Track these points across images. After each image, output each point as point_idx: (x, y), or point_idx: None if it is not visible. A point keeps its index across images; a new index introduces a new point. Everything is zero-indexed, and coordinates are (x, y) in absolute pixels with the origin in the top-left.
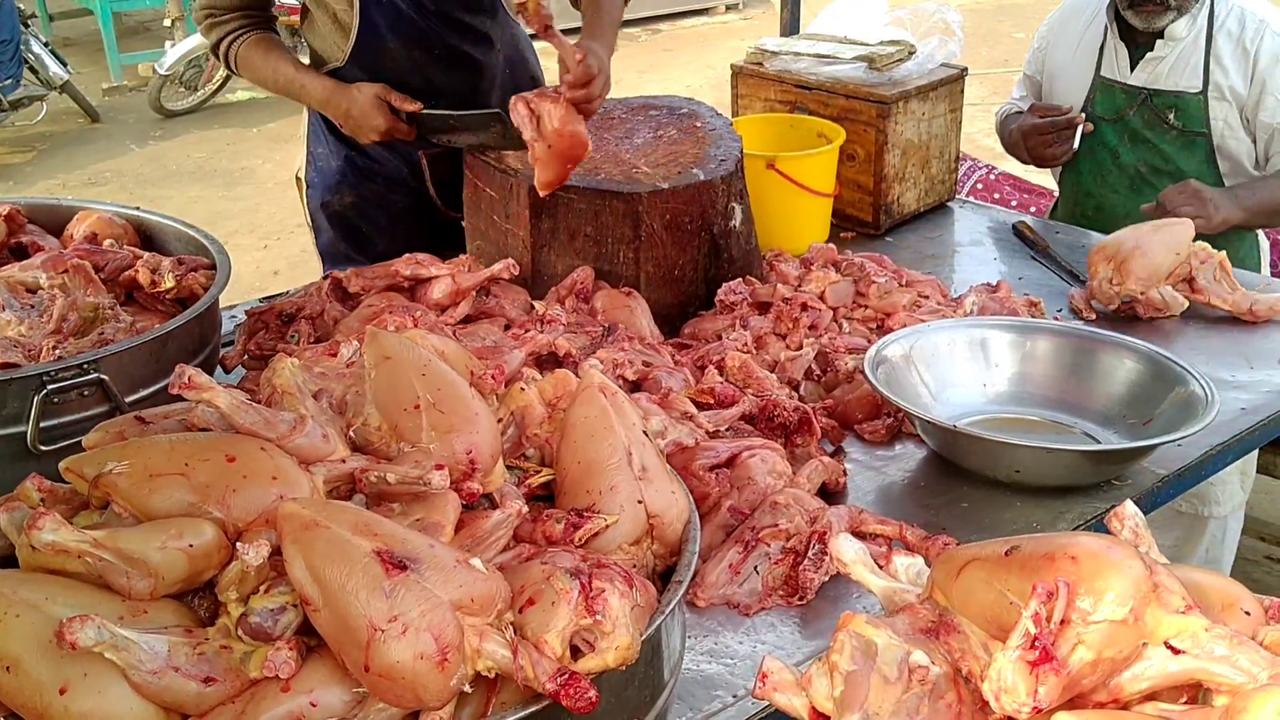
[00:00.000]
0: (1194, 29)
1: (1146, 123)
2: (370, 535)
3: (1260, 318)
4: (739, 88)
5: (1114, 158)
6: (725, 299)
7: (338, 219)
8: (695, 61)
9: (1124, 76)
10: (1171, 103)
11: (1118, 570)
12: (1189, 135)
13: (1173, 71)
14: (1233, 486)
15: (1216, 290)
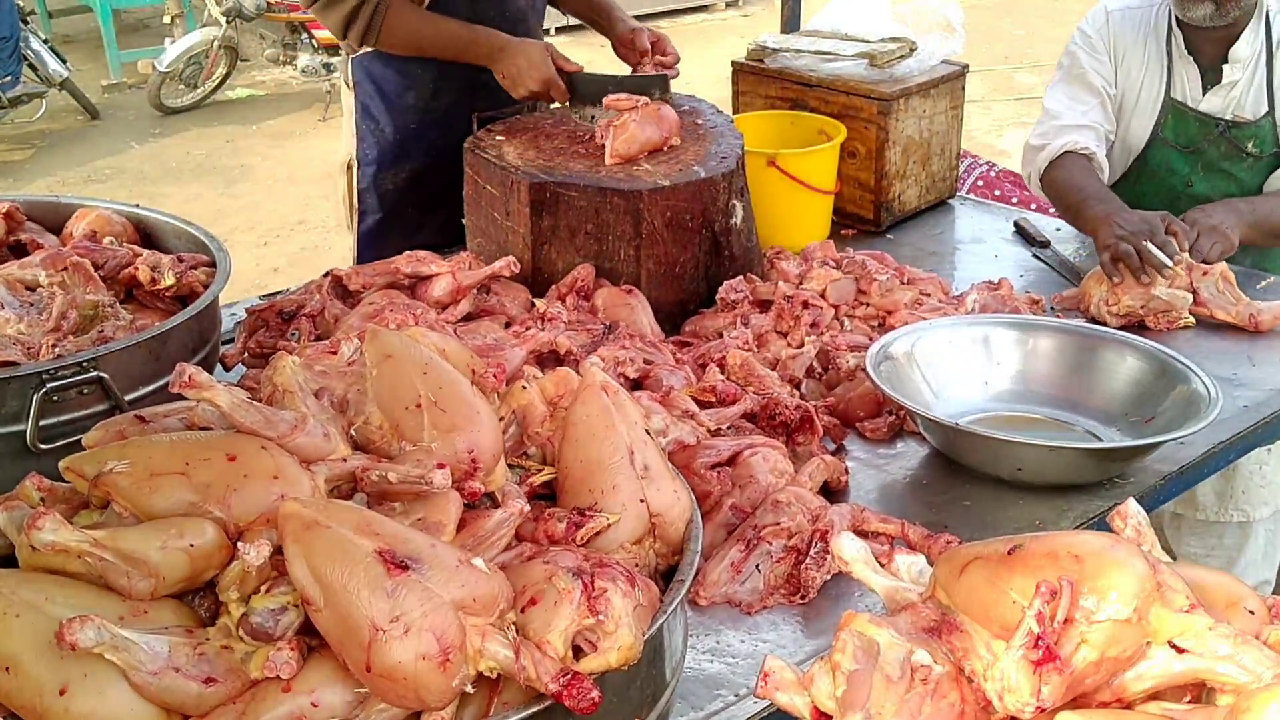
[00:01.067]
0: (1255, 46)
1: (1224, 154)
2: (372, 535)
3: (1264, 328)
4: (740, 84)
5: (1186, 186)
6: (726, 297)
7: (389, 198)
8: (696, 58)
9: (1195, 101)
10: (1251, 134)
11: (1121, 569)
12: (1267, 159)
13: (1242, 98)
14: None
15: (1219, 302)
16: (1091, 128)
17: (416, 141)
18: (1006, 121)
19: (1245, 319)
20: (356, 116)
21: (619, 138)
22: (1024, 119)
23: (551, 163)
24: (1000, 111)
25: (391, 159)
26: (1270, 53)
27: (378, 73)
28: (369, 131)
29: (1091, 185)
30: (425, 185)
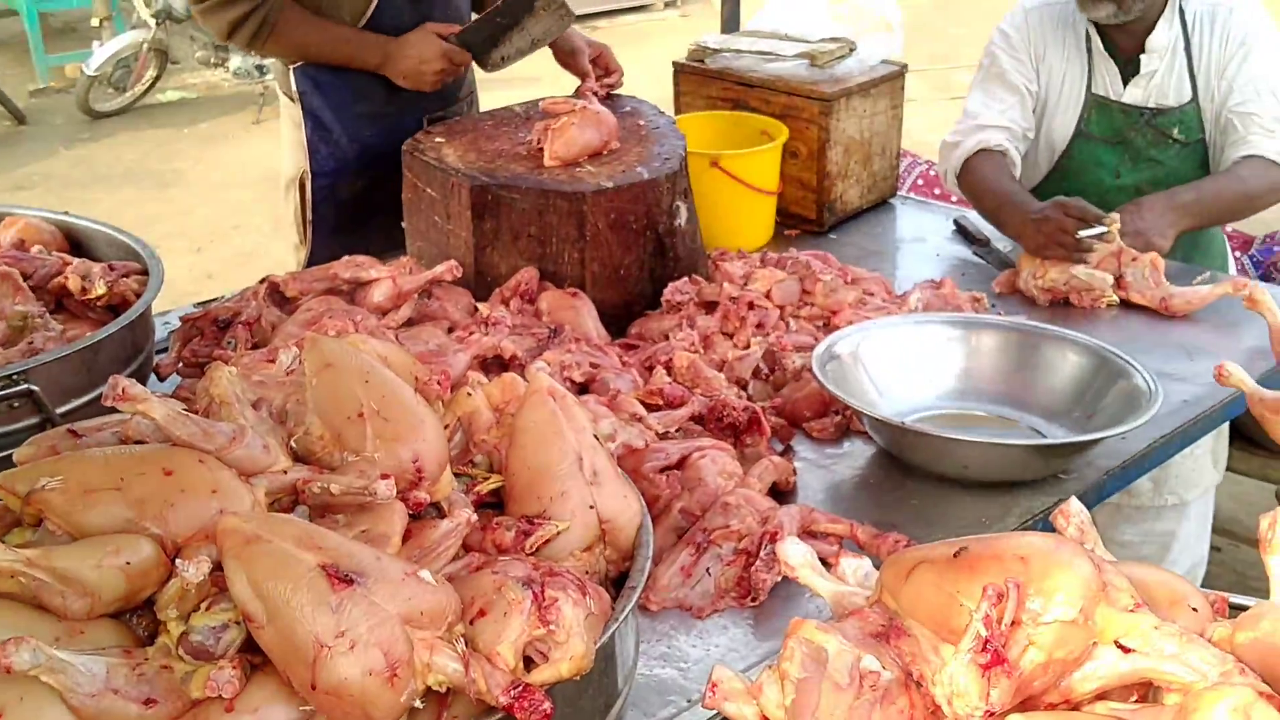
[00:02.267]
0: (1171, 35)
1: (1151, 142)
2: (315, 549)
3: (1175, 312)
4: (680, 85)
5: (1115, 178)
6: (672, 298)
7: (347, 209)
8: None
9: (1117, 94)
10: (1175, 120)
11: (1067, 570)
12: (1192, 146)
13: (1165, 84)
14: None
15: (1139, 286)
16: (1007, 127)
17: (372, 149)
18: (945, 120)
19: (1158, 302)
20: (307, 129)
21: (558, 140)
22: None
23: (493, 165)
24: (939, 110)
25: (348, 168)
26: (1188, 40)
27: (326, 81)
28: (323, 142)
29: (1007, 185)
30: (384, 194)
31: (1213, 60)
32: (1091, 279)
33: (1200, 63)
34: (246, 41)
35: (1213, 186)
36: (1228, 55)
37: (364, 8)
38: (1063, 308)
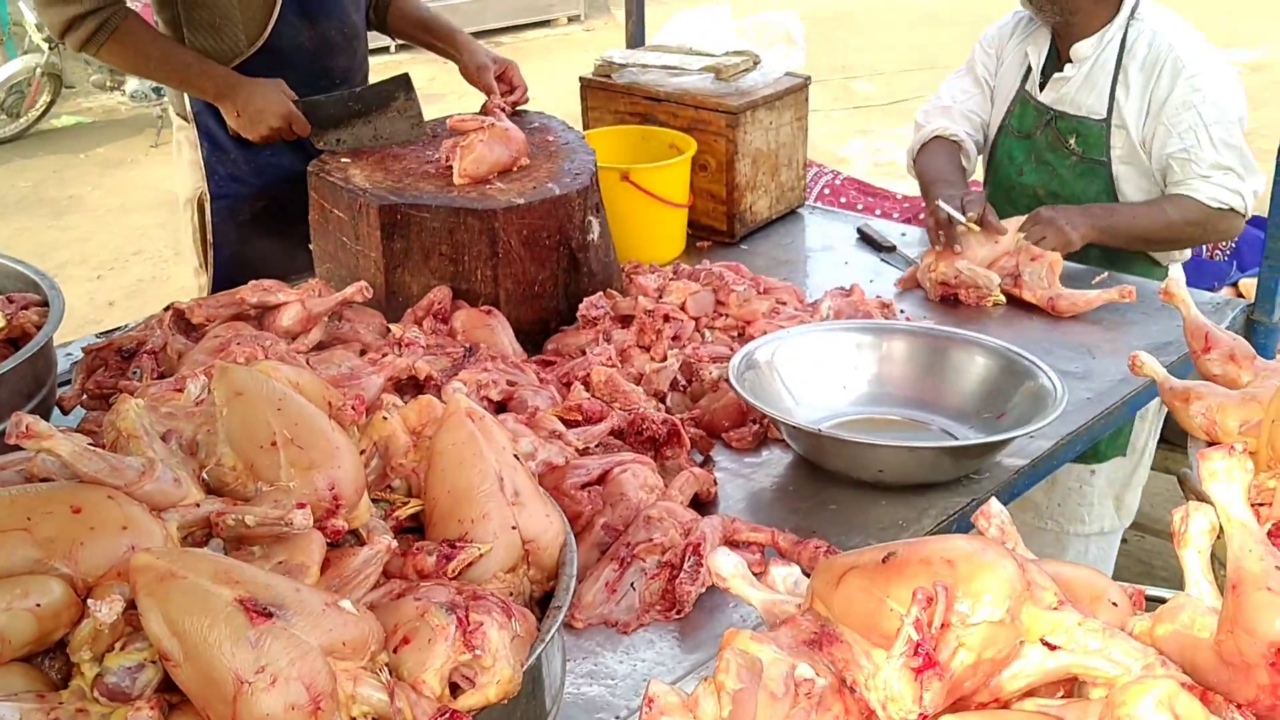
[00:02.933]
0: (1102, 50)
1: (1049, 145)
2: (231, 583)
3: (1062, 313)
4: (589, 100)
5: (1018, 174)
6: (587, 314)
7: (248, 229)
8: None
9: (1038, 92)
10: (1074, 127)
11: (992, 571)
12: (1089, 163)
13: (1079, 94)
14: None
15: (1031, 285)
16: (967, 116)
17: (271, 169)
18: (848, 130)
19: (1046, 302)
20: (203, 149)
21: (466, 158)
22: (865, 127)
23: (401, 184)
24: (841, 120)
25: (247, 188)
26: (1120, 60)
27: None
28: (220, 162)
29: (935, 171)
30: (285, 214)
31: (1143, 94)
32: (974, 275)
33: (1126, 89)
34: (80, 43)
35: (1130, 211)
36: (1168, 98)
37: (261, 29)
38: (966, 308)
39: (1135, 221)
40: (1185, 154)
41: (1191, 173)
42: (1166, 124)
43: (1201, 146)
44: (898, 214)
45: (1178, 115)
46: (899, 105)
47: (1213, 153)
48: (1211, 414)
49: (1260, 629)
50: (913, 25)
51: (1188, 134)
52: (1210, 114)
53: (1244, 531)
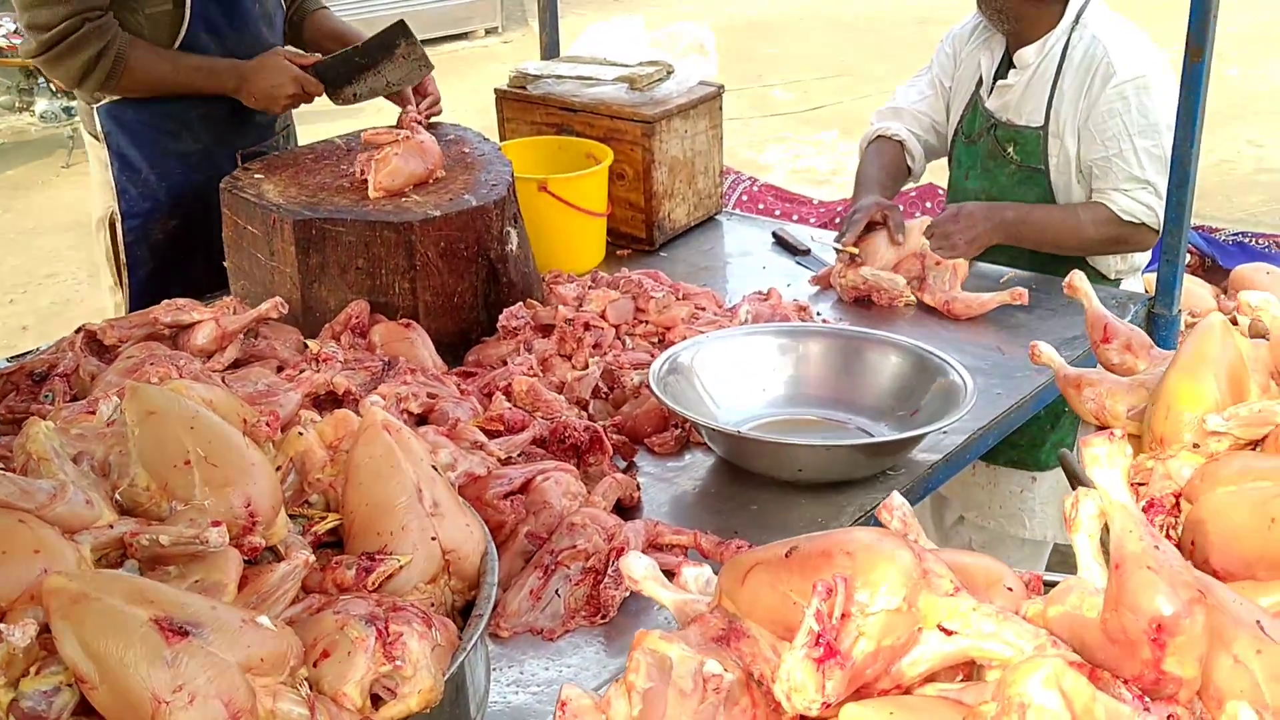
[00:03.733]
0: (1044, 57)
1: (989, 152)
2: (146, 603)
3: (957, 315)
4: (504, 111)
5: (965, 179)
6: (507, 324)
7: (161, 248)
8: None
9: (985, 98)
10: (1010, 136)
11: (889, 561)
12: (1028, 170)
13: (1020, 102)
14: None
15: (932, 289)
16: (916, 117)
17: (184, 187)
18: (766, 138)
19: (942, 305)
20: (113, 169)
21: (381, 171)
22: (783, 134)
23: (315, 199)
24: (759, 128)
25: (160, 207)
26: (1060, 70)
27: (129, 119)
28: (131, 182)
29: (867, 174)
30: (200, 231)
31: (1076, 99)
32: (878, 279)
33: (1061, 95)
34: (100, 84)
35: (1043, 214)
36: (1096, 103)
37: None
38: (880, 309)
39: (1047, 225)
40: (1106, 163)
41: (1111, 183)
42: (1092, 130)
43: (1124, 156)
44: (814, 219)
45: (1104, 123)
46: (815, 112)
47: (1134, 165)
48: (1101, 399)
49: (1142, 606)
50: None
51: (1111, 142)
52: (1136, 124)
53: (1124, 514)
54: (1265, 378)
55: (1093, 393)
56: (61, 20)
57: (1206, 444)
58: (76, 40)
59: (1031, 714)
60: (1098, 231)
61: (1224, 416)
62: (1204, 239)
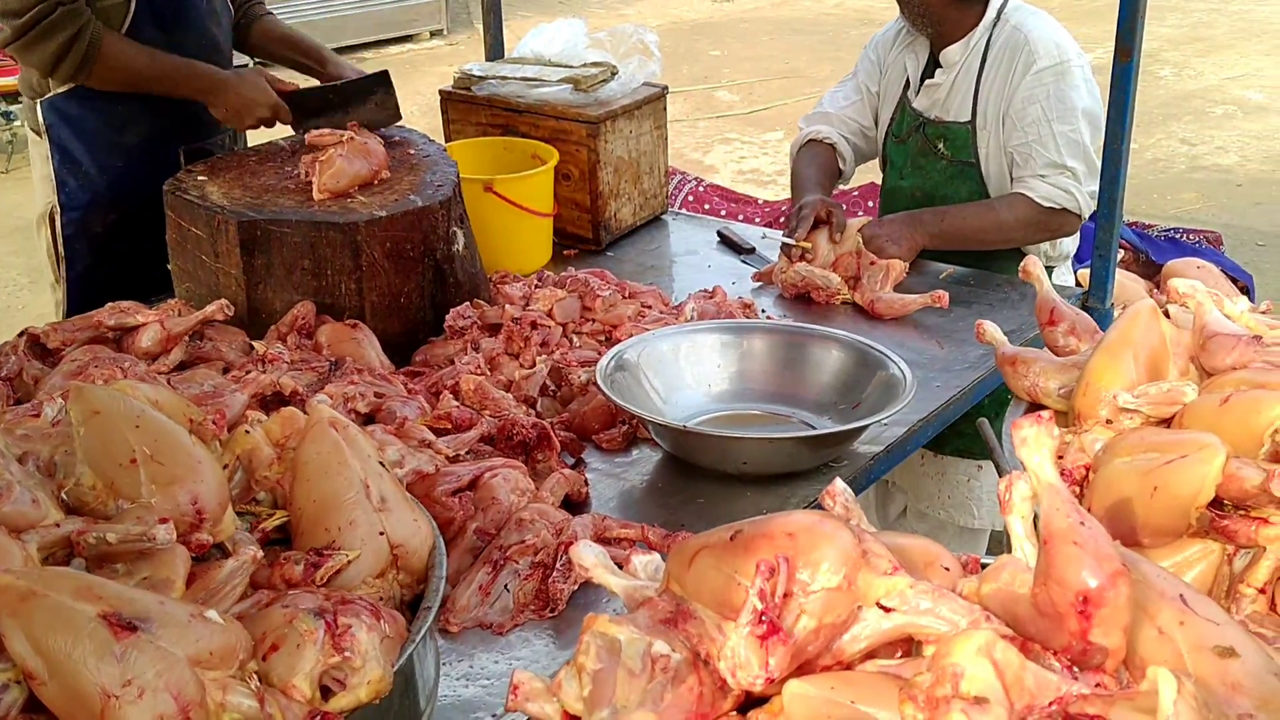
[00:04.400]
0: (968, 54)
1: (920, 150)
2: (94, 599)
3: (881, 315)
4: (449, 113)
5: (900, 178)
6: (454, 324)
7: (100, 242)
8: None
9: (913, 99)
10: (940, 133)
11: (829, 541)
12: (959, 164)
13: (948, 99)
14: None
15: (864, 288)
16: (844, 121)
17: (126, 181)
18: (711, 139)
19: (867, 304)
20: (54, 162)
21: (326, 172)
22: (728, 135)
23: (260, 200)
24: (705, 130)
25: (100, 201)
26: (984, 64)
27: (73, 112)
28: (71, 175)
29: (803, 175)
30: (140, 227)
31: (1001, 89)
32: (811, 276)
33: (987, 87)
34: (72, 73)
35: (959, 213)
36: (1016, 90)
37: None
38: (809, 303)
39: (965, 224)
40: (1027, 149)
41: (1030, 170)
42: (1014, 117)
43: (1043, 142)
44: (760, 219)
45: (1024, 110)
46: (760, 114)
47: (1054, 150)
48: (1035, 377)
49: (1069, 579)
50: (771, 36)
51: (1031, 128)
52: (1055, 110)
53: (1052, 492)
54: (1185, 362)
55: (1027, 370)
56: (34, 5)
57: (1120, 420)
58: (49, 25)
59: (964, 683)
60: (1017, 222)
61: (1134, 394)
62: (1137, 235)
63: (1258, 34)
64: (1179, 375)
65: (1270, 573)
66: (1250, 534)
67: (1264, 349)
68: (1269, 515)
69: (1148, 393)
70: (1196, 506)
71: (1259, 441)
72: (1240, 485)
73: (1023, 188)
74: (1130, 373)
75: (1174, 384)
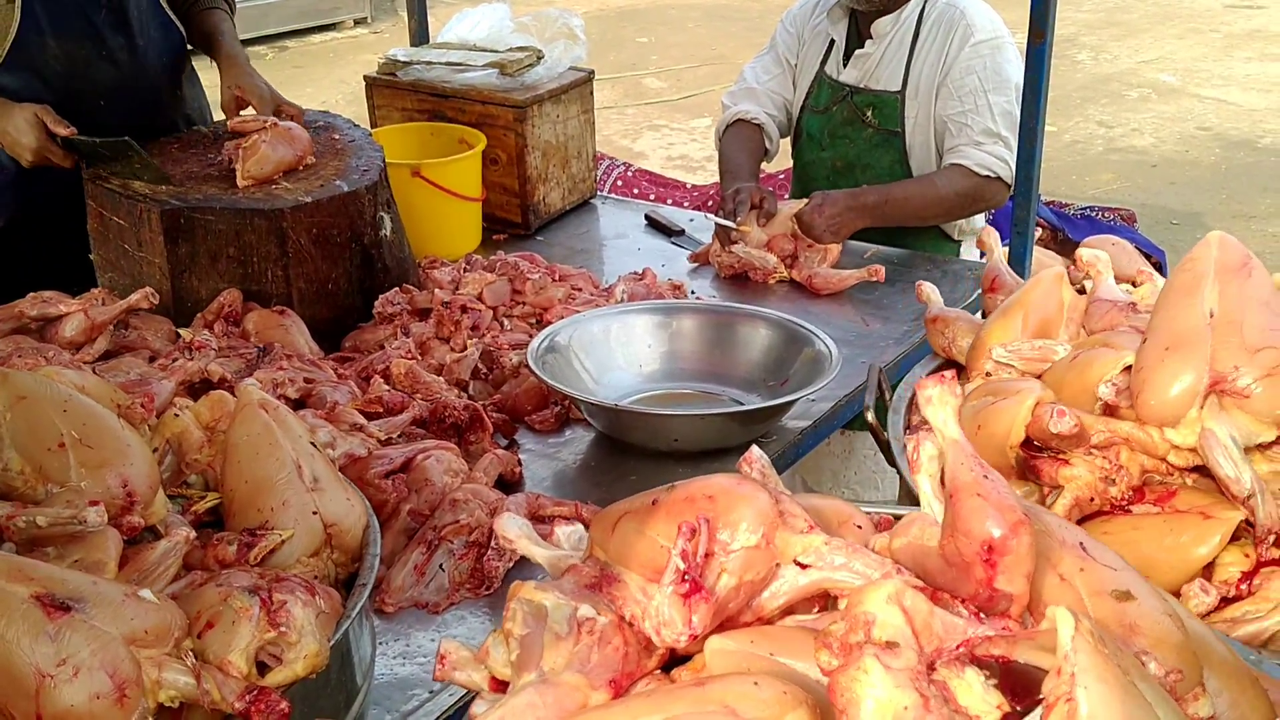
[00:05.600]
0: (899, 26)
1: (845, 119)
2: (26, 580)
3: (818, 290)
4: (375, 99)
5: (820, 148)
6: (383, 310)
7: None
8: (327, 78)
9: (838, 72)
10: (870, 101)
11: (747, 502)
12: (884, 133)
13: (878, 69)
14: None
15: (802, 265)
16: (770, 96)
17: (14, 190)
18: (639, 126)
19: (805, 280)
20: None
21: (250, 159)
22: (656, 122)
23: (183, 187)
24: (633, 115)
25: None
26: (917, 33)
27: None
28: None
29: (733, 159)
30: (50, 221)
31: (936, 62)
32: (749, 256)
33: (920, 59)
34: None
35: (901, 191)
36: (954, 62)
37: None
38: (754, 285)
39: (908, 200)
40: (963, 117)
41: (966, 138)
42: (949, 86)
43: (979, 111)
44: (688, 202)
45: (961, 80)
46: (688, 100)
47: (989, 118)
48: (952, 335)
49: (974, 530)
50: (698, 22)
51: (968, 98)
52: (991, 81)
53: (956, 448)
54: (1076, 327)
55: (946, 328)
56: None
57: (998, 373)
58: None
59: (876, 629)
60: (955, 195)
61: (1007, 349)
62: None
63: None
64: (1069, 339)
65: (1065, 510)
66: (1053, 473)
67: (1134, 315)
68: (1070, 458)
69: (1020, 349)
70: (1010, 446)
71: (1093, 395)
72: (1040, 425)
73: (958, 157)
74: (1016, 331)
75: (1044, 343)
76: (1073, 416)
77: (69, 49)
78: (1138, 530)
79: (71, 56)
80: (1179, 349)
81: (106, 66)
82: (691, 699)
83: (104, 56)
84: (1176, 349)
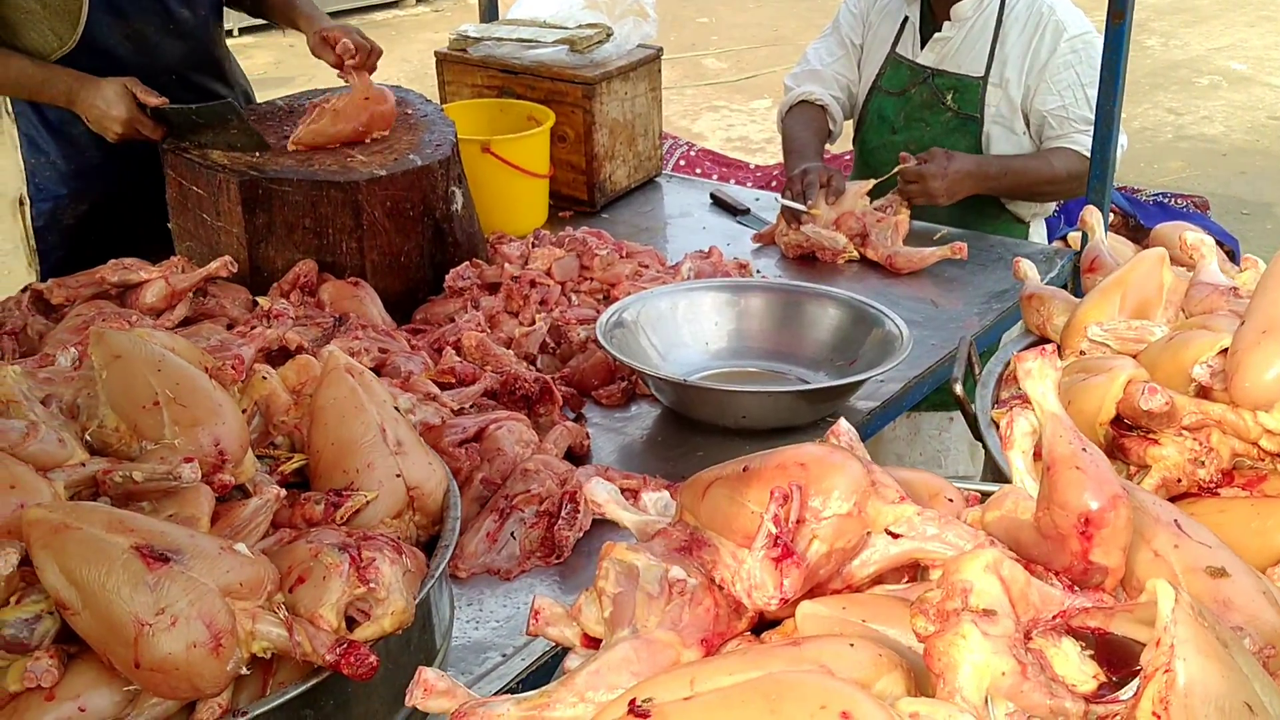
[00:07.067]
0: (981, 11)
1: (925, 102)
2: (126, 531)
3: (899, 269)
4: (445, 75)
5: (891, 131)
6: (454, 284)
7: (74, 234)
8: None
9: (915, 54)
10: (951, 84)
11: (840, 470)
12: (963, 118)
13: (959, 53)
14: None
15: (876, 244)
16: (834, 78)
17: (98, 174)
18: (699, 106)
19: (885, 259)
20: (22, 150)
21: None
22: (715, 103)
23: (260, 159)
24: (693, 96)
25: (71, 193)
26: (1000, 22)
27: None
28: (39, 166)
29: (798, 139)
30: (115, 217)
31: (1024, 54)
32: (818, 237)
33: (1007, 49)
34: None
35: (1021, 164)
36: (1050, 57)
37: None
38: (821, 265)
39: (1025, 174)
40: (1064, 110)
41: (1070, 127)
42: (1048, 82)
43: (1079, 104)
44: (751, 182)
45: (1059, 74)
46: (748, 81)
47: (1088, 109)
48: (1047, 311)
49: (1071, 502)
50: (759, 3)
51: (1067, 92)
52: (1087, 74)
53: (1055, 421)
54: (1176, 310)
55: (1041, 305)
56: None
57: (1092, 352)
58: None
59: (974, 597)
60: (1068, 174)
61: (1103, 328)
62: (1127, 199)
63: (1242, 5)
64: (1166, 322)
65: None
66: (1141, 453)
67: (1235, 299)
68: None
69: (1116, 329)
70: (1100, 423)
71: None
72: (1132, 402)
73: (1068, 143)
74: (1114, 312)
75: (1142, 324)
76: (1165, 394)
77: (138, 27)
78: (1224, 514)
79: (141, 34)
80: (1276, 332)
81: (174, 41)
82: (787, 658)
83: (171, 31)
84: (1274, 332)
